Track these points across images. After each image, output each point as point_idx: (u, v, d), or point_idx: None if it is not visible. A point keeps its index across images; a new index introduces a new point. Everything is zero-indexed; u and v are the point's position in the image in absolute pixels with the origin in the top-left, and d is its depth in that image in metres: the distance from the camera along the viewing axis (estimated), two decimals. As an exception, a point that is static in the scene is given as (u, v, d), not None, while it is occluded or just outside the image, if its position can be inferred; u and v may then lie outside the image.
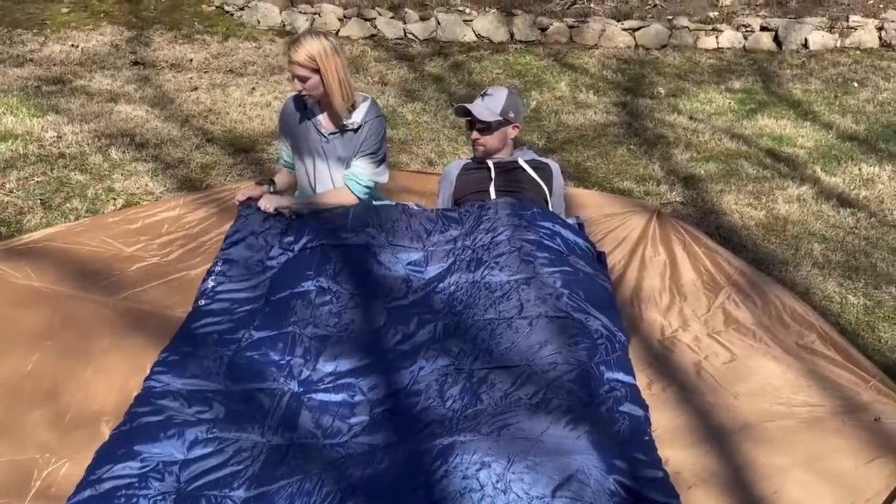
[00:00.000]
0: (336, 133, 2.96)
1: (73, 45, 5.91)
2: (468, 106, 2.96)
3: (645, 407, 2.15)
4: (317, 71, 2.81)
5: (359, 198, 2.96)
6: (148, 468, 1.85)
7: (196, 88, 5.20)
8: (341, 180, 2.97)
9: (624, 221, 3.33)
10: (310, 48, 2.82)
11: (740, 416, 2.23)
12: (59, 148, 4.11)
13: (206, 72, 5.55)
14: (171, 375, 2.19)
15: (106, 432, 2.06)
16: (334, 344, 2.34)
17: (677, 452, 2.08)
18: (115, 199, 3.58)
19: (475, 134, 2.98)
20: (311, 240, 2.69)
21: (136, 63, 5.65)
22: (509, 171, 2.99)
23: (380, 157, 3.00)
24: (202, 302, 2.58)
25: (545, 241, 2.64)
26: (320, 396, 2.16)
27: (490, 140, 2.96)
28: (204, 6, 6.93)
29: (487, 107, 2.92)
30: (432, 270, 2.64)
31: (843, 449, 2.09)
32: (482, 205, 2.82)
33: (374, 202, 2.98)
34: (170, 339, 2.44)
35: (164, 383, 2.16)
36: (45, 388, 2.23)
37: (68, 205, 3.50)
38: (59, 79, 5.21)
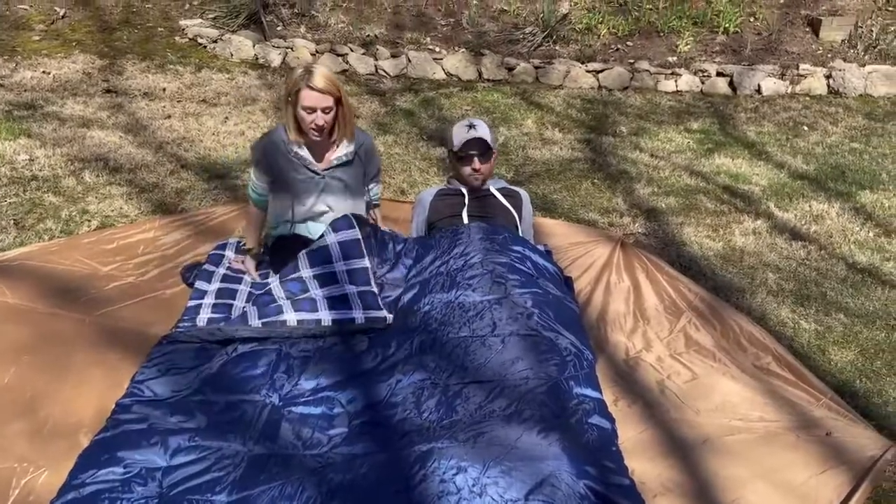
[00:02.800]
0: (331, 168, 2.94)
1: (44, 72, 5.92)
2: (480, 136, 3.00)
3: (612, 420, 2.24)
4: (336, 101, 2.76)
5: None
6: (131, 474, 1.88)
7: (169, 116, 5.25)
8: (345, 210, 2.92)
9: (589, 250, 3.47)
10: (329, 75, 2.74)
11: (702, 430, 2.34)
12: (31, 171, 4.11)
13: (179, 101, 5.60)
14: (155, 384, 2.22)
15: (84, 443, 2.08)
16: (316, 362, 2.40)
17: (643, 464, 2.18)
18: (89, 220, 3.60)
19: (476, 163, 3.02)
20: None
21: (108, 91, 5.68)
22: (482, 197, 3.10)
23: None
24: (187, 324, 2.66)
25: (516, 265, 2.74)
26: (300, 409, 2.21)
27: (486, 168, 3.07)
28: (177, 38, 7.01)
29: (483, 135, 3.02)
30: (408, 294, 2.73)
31: (798, 461, 2.21)
32: (455, 229, 2.93)
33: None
34: (147, 355, 2.48)
35: (148, 392, 2.19)
36: (24, 401, 2.24)
37: (42, 225, 3.50)
38: (31, 104, 5.21)
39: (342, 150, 2.95)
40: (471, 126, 3.03)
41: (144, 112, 5.29)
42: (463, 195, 3.08)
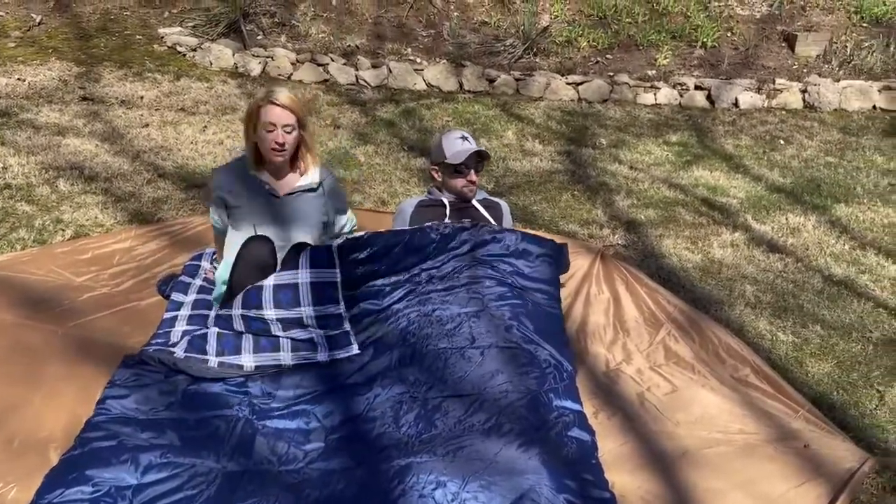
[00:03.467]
0: (293, 194, 2.81)
1: (19, 79, 5.84)
2: (482, 148, 3.01)
3: (592, 432, 2.24)
4: (299, 121, 2.68)
5: None
6: (100, 493, 1.84)
7: (147, 125, 5.20)
8: (304, 240, 2.78)
9: (569, 261, 3.46)
10: (295, 97, 2.67)
11: (681, 442, 2.34)
12: (4, 179, 4.04)
13: (157, 109, 5.55)
14: (125, 401, 2.18)
15: (55, 458, 2.03)
16: (291, 374, 2.37)
17: (623, 477, 2.17)
18: (63, 230, 3.54)
19: (473, 175, 3.01)
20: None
21: (84, 98, 5.62)
22: (463, 208, 3.09)
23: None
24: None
25: (495, 274, 2.72)
26: (275, 423, 2.18)
27: (478, 180, 3.07)
28: (156, 46, 6.95)
29: (482, 148, 3.04)
30: (387, 302, 2.69)
31: (776, 473, 2.21)
32: (441, 231, 2.84)
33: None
34: (118, 367, 2.43)
35: (117, 408, 2.15)
36: (-8, 414, 2.19)
37: (14, 234, 3.44)
38: (5, 111, 5.14)
39: (307, 179, 2.82)
40: (464, 137, 3.00)
41: (121, 120, 5.24)
42: (444, 206, 3.07)
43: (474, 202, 3.12)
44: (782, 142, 5.89)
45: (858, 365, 2.86)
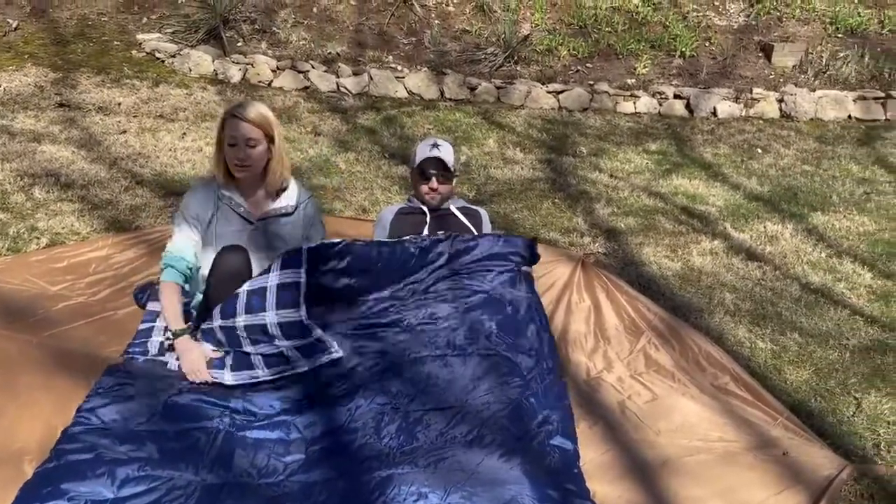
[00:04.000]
0: (267, 219, 2.68)
1: (-6, 84, 5.77)
2: (442, 157, 2.94)
3: (574, 440, 2.24)
4: (267, 137, 2.55)
5: None
6: None
7: (125, 132, 5.15)
8: None
9: (550, 269, 3.46)
10: (262, 110, 2.56)
11: (662, 451, 2.34)
12: (-22, 186, 3.98)
13: (135, 116, 5.50)
14: (103, 412, 2.14)
15: (29, 471, 1.99)
16: (271, 385, 2.34)
17: (604, 486, 2.17)
18: (38, 238, 3.49)
19: (434, 182, 2.95)
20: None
21: (61, 105, 5.55)
22: (442, 216, 3.09)
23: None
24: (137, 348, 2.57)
25: (473, 283, 2.71)
26: (255, 434, 2.15)
27: (444, 189, 2.99)
28: (134, 52, 6.89)
29: (445, 157, 2.98)
30: (368, 315, 2.68)
31: (755, 481, 2.22)
32: (419, 245, 2.82)
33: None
34: (97, 378, 2.39)
35: (96, 420, 2.11)
36: (-35, 426, 2.14)
37: (-12, 243, 3.39)
38: (-21, 117, 5.07)
39: (283, 202, 2.69)
40: (435, 145, 2.99)
41: (98, 127, 5.18)
42: (424, 213, 3.06)
43: (454, 209, 3.11)
44: (760, 150, 5.95)
45: (836, 372, 2.89)
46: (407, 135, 5.71)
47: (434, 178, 2.96)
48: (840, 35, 7.69)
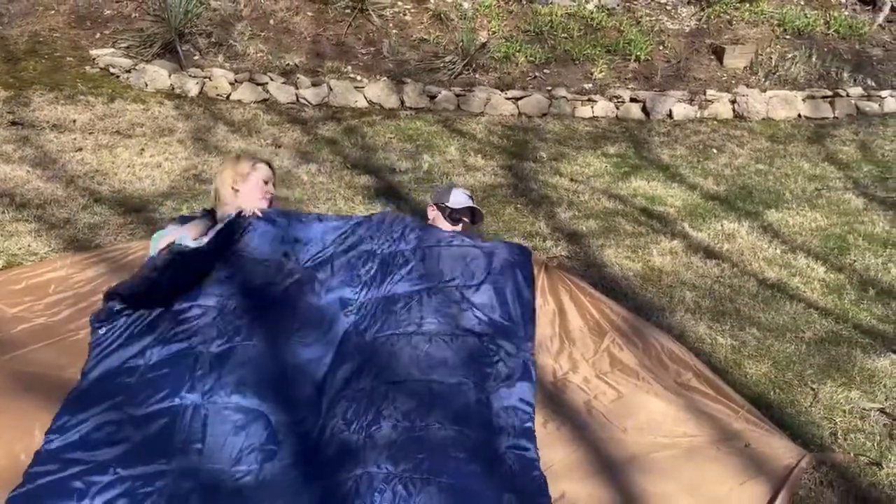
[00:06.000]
0: None
1: (-57, 104, 5.64)
2: (475, 208, 3.42)
3: (533, 438, 2.27)
4: None
5: None
6: None
7: (81, 149, 5.07)
8: None
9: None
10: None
11: (628, 448, 2.38)
12: (-71, 208, 3.89)
13: (91, 133, 5.42)
14: (69, 427, 2.11)
15: (-2, 496, 1.96)
16: (238, 360, 2.31)
17: (573, 485, 2.20)
18: (-6, 260, 3.43)
19: (460, 227, 3.34)
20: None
21: (14, 123, 5.45)
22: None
23: None
24: (102, 330, 2.52)
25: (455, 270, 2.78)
26: (222, 415, 2.13)
27: (465, 233, 3.25)
28: (87, 68, 6.79)
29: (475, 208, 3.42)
30: (335, 284, 2.70)
31: (720, 474, 2.27)
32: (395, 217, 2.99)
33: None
34: (61, 401, 2.35)
35: (63, 437, 2.08)
36: (-77, 455, 2.09)
37: (-58, 266, 3.31)
38: (-72, 138, 4.95)
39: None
40: (470, 197, 3.43)
41: (53, 145, 5.09)
42: None
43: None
44: (715, 151, 6.09)
45: (793, 364, 2.97)
46: (368, 144, 5.72)
47: (461, 224, 3.33)
48: (788, 36, 7.92)
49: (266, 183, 3.11)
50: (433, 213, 3.40)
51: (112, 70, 6.72)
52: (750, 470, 2.28)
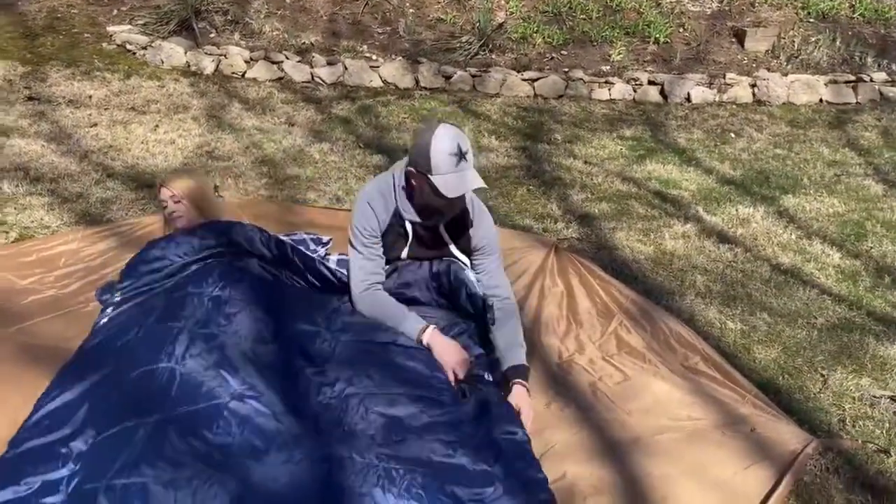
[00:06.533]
0: None
1: (-39, 79, 5.68)
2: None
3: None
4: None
5: None
6: (31, 490, 1.80)
7: (96, 125, 5.09)
8: None
9: (524, 255, 3.49)
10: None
11: (633, 431, 2.37)
12: (-55, 181, 3.93)
13: (106, 109, 5.43)
14: (55, 396, 2.13)
15: (-6, 465, 1.98)
16: (223, 344, 2.30)
17: (575, 466, 2.19)
18: (6, 232, 3.45)
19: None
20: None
21: (30, 98, 5.47)
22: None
23: None
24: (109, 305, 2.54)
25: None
26: (200, 377, 2.13)
27: None
28: (104, 44, 6.80)
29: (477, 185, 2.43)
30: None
31: (724, 458, 2.26)
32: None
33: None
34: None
35: (50, 405, 2.10)
36: (-69, 422, 2.12)
37: (-45, 238, 3.35)
38: (-54, 112, 4.99)
39: None
40: (459, 155, 2.32)
41: (69, 120, 5.12)
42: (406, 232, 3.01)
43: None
44: (733, 135, 6.00)
45: (803, 350, 2.93)
46: (382, 124, 5.69)
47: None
48: (812, 20, 7.76)
49: (164, 206, 2.90)
50: (414, 182, 2.43)
51: (129, 47, 6.73)
52: (755, 454, 2.26)
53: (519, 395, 2.35)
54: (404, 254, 2.61)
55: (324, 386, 2.21)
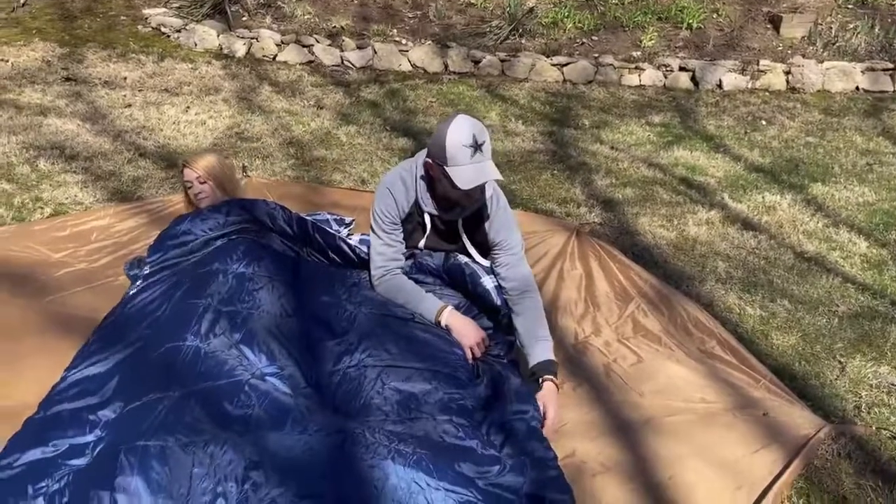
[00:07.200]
0: None
1: (2, 60, 5.84)
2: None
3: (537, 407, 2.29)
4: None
5: None
6: (57, 452, 1.88)
7: (129, 105, 5.21)
8: None
9: (545, 239, 3.51)
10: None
11: (644, 411, 2.39)
12: (-16, 158, 4.06)
13: (140, 90, 5.55)
14: (84, 365, 2.21)
15: (27, 427, 2.07)
16: (246, 321, 2.37)
17: (584, 444, 2.22)
18: (42, 208, 3.57)
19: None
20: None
21: (67, 79, 5.61)
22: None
23: None
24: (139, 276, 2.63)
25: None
26: (224, 355, 2.20)
27: None
28: (140, 27, 6.94)
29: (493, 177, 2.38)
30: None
31: (734, 440, 2.26)
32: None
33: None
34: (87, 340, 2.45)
35: (79, 373, 2.18)
36: (-32, 386, 2.22)
37: (-7, 212, 3.47)
38: (-13, 91, 5.15)
39: None
40: (475, 147, 2.31)
41: (104, 100, 5.24)
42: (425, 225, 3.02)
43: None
44: (764, 122, 5.92)
45: (823, 337, 2.92)
46: (409, 108, 5.73)
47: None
48: (850, 6, 7.59)
49: (189, 187, 3.02)
50: (434, 173, 2.41)
51: (163, 30, 6.85)
52: (766, 438, 2.26)
53: (548, 394, 2.32)
54: (421, 244, 2.64)
55: (344, 356, 2.26)
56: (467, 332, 2.45)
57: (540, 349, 2.43)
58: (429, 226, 2.57)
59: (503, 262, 2.60)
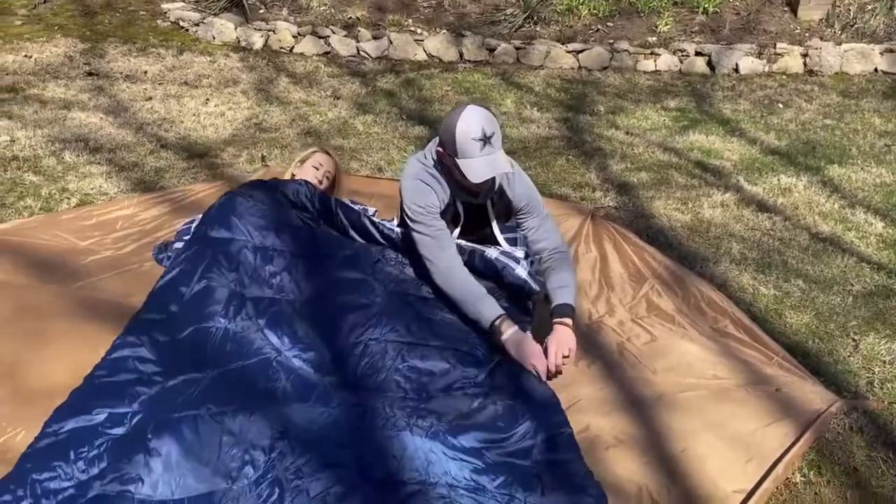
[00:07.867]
0: None
1: (26, 56, 5.96)
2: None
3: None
4: None
5: None
6: (98, 421, 1.98)
7: (150, 98, 5.30)
8: None
9: (560, 222, 3.51)
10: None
11: (657, 388, 2.43)
12: (12, 152, 4.17)
13: (160, 83, 5.65)
14: (125, 346, 2.30)
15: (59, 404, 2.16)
16: (269, 306, 2.45)
17: (598, 419, 2.28)
18: (68, 198, 3.67)
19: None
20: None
21: (90, 73, 5.72)
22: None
23: None
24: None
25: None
26: (251, 336, 2.29)
27: None
28: (159, 21, 7.03)
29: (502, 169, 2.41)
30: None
31: (746, 415, 2.30)
32: None
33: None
34: (123, 325, 2.54)
35: (120, 352, 2.27)
36: (3, 369, 2.31)
37: (22, 203, 3.57)
38: (12, 87, 5.26)
39: None
40: (484, 140, 2.31)
41: (125, 94, 5.34)
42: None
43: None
44: (781, 105, 5.90)
45: (836, 316, 2.94)
46: (425, 96, 5.77)
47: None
48: (869, -13, 7.50)
49: (317, 168, 3.20)
50: (448, 162, 2.42)
51: (182, 23, 6.95)
52: (778, 412, 2.30)
53: (555, 333, 2.41)
54: (455, 234, 2.65)
55: (367, 328, 2.34)
56: (535, 356, 2.37)
57: (561, 294, 2.51)
58: (462, 214, 2.61)
59: (531, 225, 2.64)
